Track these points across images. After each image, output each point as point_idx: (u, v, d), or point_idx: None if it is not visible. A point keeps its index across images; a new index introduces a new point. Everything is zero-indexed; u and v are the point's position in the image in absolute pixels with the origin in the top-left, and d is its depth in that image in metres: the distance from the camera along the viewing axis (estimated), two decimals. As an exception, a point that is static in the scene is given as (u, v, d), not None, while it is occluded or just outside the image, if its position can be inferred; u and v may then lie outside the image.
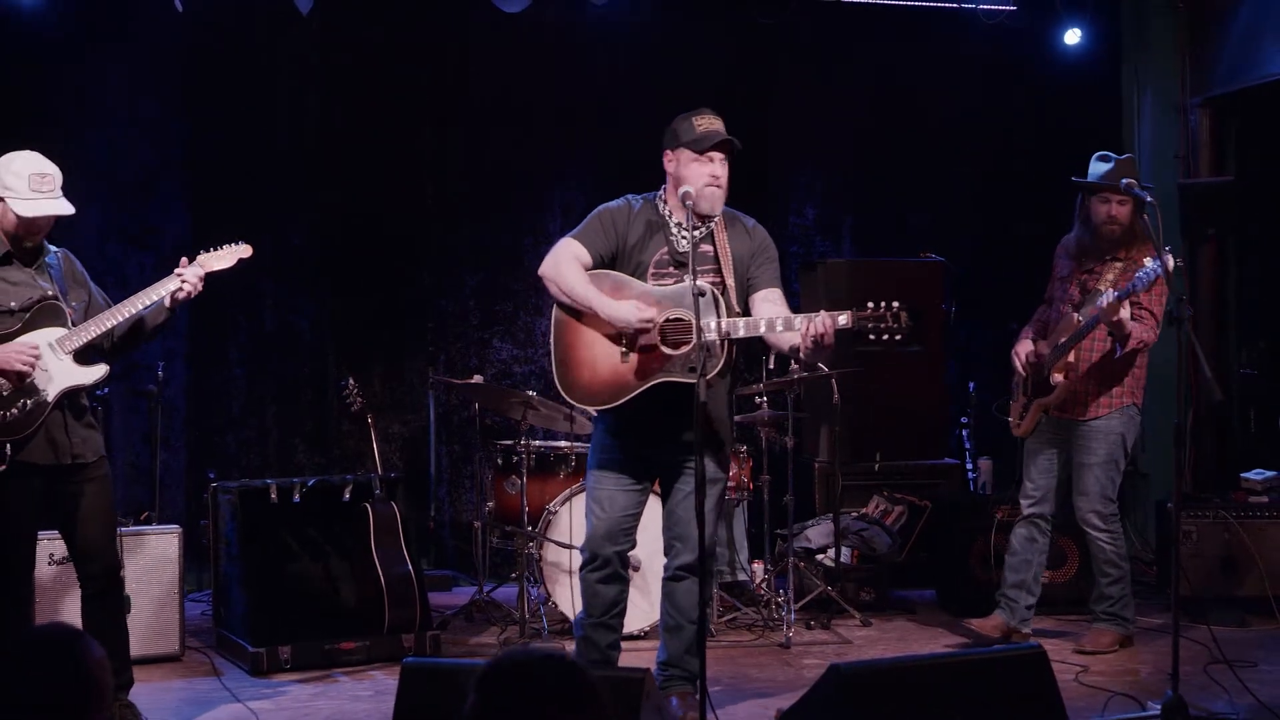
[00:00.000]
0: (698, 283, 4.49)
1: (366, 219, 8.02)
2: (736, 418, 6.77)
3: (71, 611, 5.17)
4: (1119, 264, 5.96)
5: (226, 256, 5.01)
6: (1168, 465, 8.12)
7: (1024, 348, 6.17)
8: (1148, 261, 5.62)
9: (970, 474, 7.86)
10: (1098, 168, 6.02)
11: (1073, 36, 8.44)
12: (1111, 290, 5.68)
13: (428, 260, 8.15)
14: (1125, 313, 5.66)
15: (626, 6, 7.99)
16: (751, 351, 6.78)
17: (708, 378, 4.46)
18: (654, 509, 5.25)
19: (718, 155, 4.79)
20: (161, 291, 4.85)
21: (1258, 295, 8.41)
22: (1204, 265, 8.32)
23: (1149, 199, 5.15)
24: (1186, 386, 7.77)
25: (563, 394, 4.82)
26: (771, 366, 6.83)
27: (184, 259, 4.94)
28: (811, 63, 8.53)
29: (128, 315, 4.82)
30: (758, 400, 6.83)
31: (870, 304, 4.54)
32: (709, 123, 4.80)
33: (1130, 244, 5.99)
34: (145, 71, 7.75)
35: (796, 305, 8.03)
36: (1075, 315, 5.95)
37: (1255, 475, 7.11)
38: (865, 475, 7.48)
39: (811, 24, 8.33)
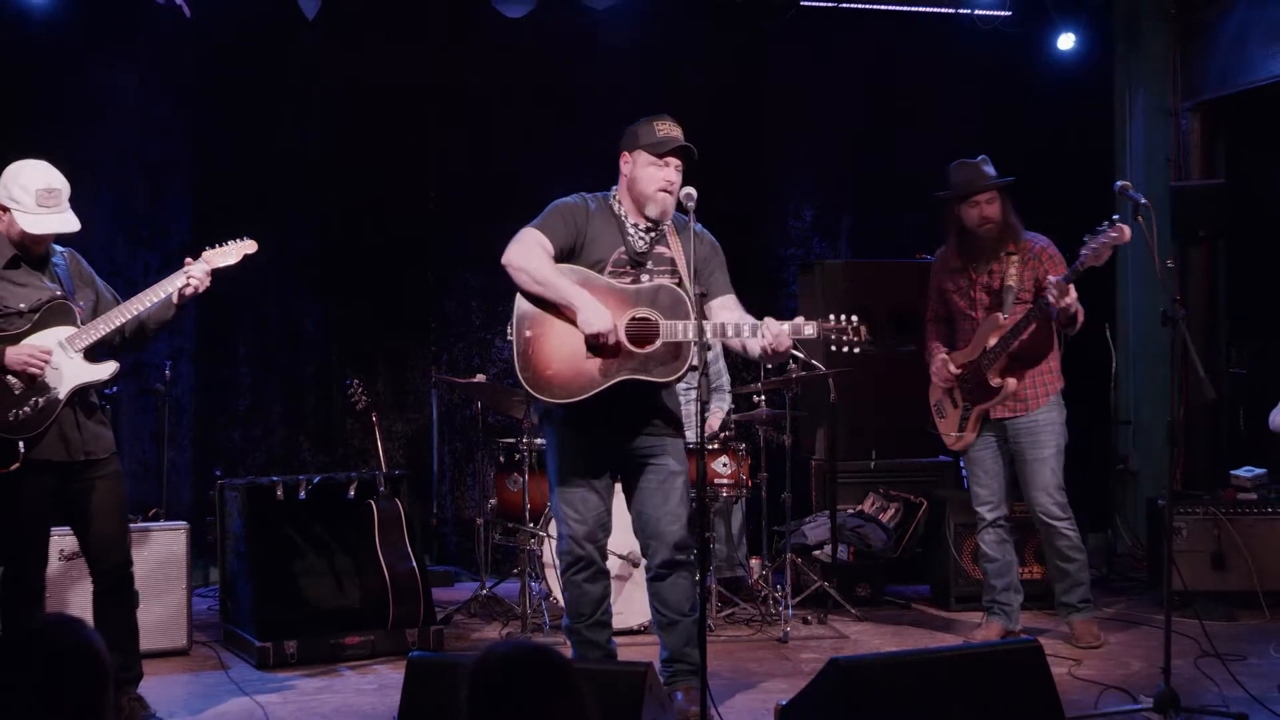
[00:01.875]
0: (663, 283, 4.56)
1: (371, 220, 8.03)
2: (735, 416, 6.84)
3: (82, 606, 5.17)
4: (1014, 257, 5.97)
5: (232, 253, 5.02)
6: (1158, 464, 8.17)
7: (943, 363, 6.12)
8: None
9: (964, 472, 7.82)
10: (959, 174, 6.05)
11: (1066, 41, 8.45)
12: (1055, 276, 5.66)
13: (431, 261, 8.15)
14: (1073, 295, 5.66)
15: (627, 11, 7.99)
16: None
17: (677, 376, 4.54)
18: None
19: (674, 161, 4.77)
20: (169, 288, 4.85)
21: (1247, 296, 8.41)
22: (1195, 267, 8.33)
23: (1142, 200, 5.15)
24: (1179, 385, 7.79)
25: (525, 386, 4.70)
26: (769, 366, 6.83)
27: (188, 260, 4.94)
28: (809, 66, 8.54)
29: (136, 312, 4.83)
30: (756, 399, 6.83)
31: (832, 316, 4.65)
32: (669, 128, 4.79)
33: (1015, 236, 6.01)
34: (154, 74, 7.75)
35: (794, 307, 8.04)
36: (999, 315, 5.92)
37: (1244, 473, 7.13)
38: (861, 473, 7.50)
39: (809, 28, 8.34)
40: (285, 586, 6.13)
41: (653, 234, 4.81)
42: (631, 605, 6.07)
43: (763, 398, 6.81)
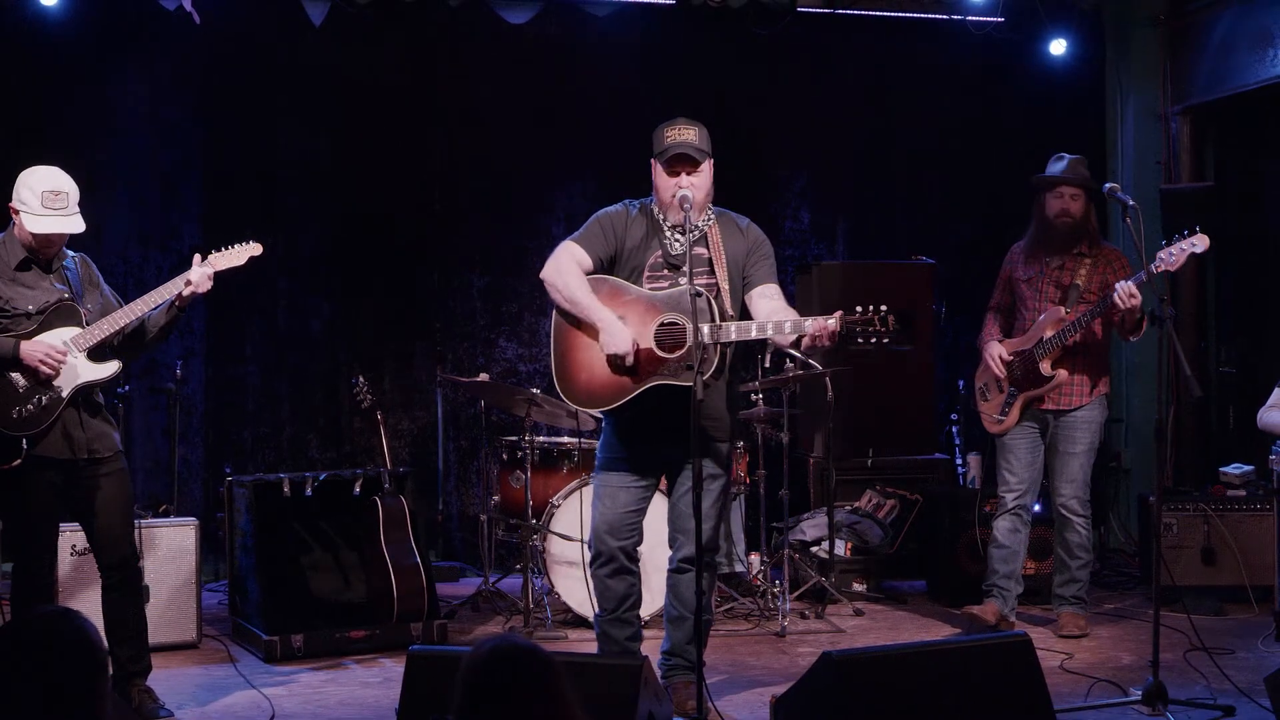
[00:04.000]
0: (691, 287, 4.50)
1: (377, 222, 8.03)
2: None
3: (92, 601, 5.17)
4: (1087, 259, 6.04)
5: (238, 255, 5.01)
6: (1149, 461, 8.16)
7: (997, 348, 6.17)
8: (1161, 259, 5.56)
9: (959, 469, 7.84)
10: (1053, 167, 6.15)
11: (1058, 47, 8.43)
12: (1128, 282, 5.65)
13: (436, 262, 8.15)
14: (1139, 298, 5.67)
15: (627, 17, 7.99)
16: (748, 350, 6.77)
17: (705, 379, 4.45)
18: (653, 503, 5.23)
19: (683, 168, 4.71)
20: (171, 290, 4.84)
21: (1236, 297, 8.40)
22: (1184, 268, 8.28)
23: (1130, 202, 5.16)
24: (1168, 384, 7.78)
25: (562, 396, 4.81)
26: (767, 365, 6.82)
27: (196, 256, 4.93)
28: (806, 72, 8.53)
29: (140, 314, 4.82)
30: (754, 397, 6.82)
31: (859, 308, 4.50)
32: (677, 133, 4.72)
33: (1090, 239, 6.08)
34: (164, 80, 7.76)
35: (792, 307, 8.01)
36: (1061, 309, 5.97)
37: (1233, 469, 7.12)
38: (858, 470, 7.48)
39: (806, 34, 8.33)
40: (292, 581, 6.13)
41: (693, 234, 4.74)
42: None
43: (760, 396, 6.80)
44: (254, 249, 5.04)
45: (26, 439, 4.64)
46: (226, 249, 5.00)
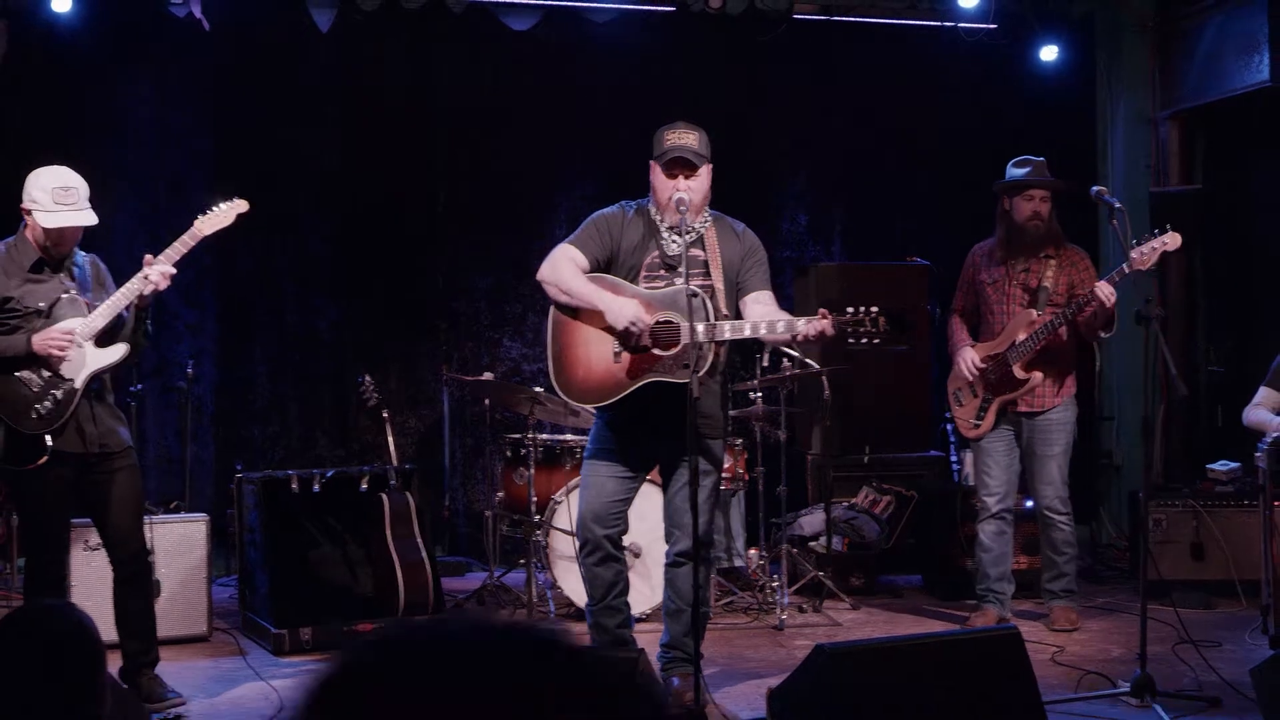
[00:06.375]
0: (688, 286, 4.50)
1: (383, 225, 8.04)
2: (733, 412, 6.78)
3: (104, 594, 5.18)
4: (1053, 261, 6.01)
5: (225, 215, 4.95)
6: (1140, 458, 8.15)
7: (970, 354, 6.11)
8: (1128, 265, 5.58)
9: (954, 466, 7.83)
10: (1016, 171, 6.11)
11: (1049, 53, 8.43)
12: (1106, 284, 5.64)
13: (440, 264, 8.16)
14: (1115, 297, 5.68)
15: (626, 24, 8.00)
16: (747, 350, 6.78)
17: (697, 376, 4.46)
18: (653, 497, 5.22)
19: (680, 170, 4.71)
20: (133, 291, 4.76)
21: (1224, 297, 8.40)
22: (1174, 269, 8.31)
23: (1117, 204, 5.17)
24: (1155, 383, 7.79)
25: (558, 391, 4.81)
26: (766, 364, 6.82)
27: (148, 256, 4.81)
28: (804, 77, 8.53)
29: (128, 300, 4.79)
30: (753, 396, 6.82)
31: (850, 310, 4.53)
32: (677, 137, 4.72)
33: (1055, 241, 6.06)
34: (174, 85, 7.78)
35: (789, 308, 7.98)
36: (1033, 311, 5.95)
37: (1221, 466, 7.11)
38: (855, 467, 7.47)
39: (804, 40, 8.33)
40: (300, 576, 6.14)
41: (689, 236, 4.72)
42: (632, 595, 6.03)
43: (759, 395, 6.80)
44: (240, 205, 4.97)
45: (49, 435, 4.66)
46: (212, 211, 4.96)
